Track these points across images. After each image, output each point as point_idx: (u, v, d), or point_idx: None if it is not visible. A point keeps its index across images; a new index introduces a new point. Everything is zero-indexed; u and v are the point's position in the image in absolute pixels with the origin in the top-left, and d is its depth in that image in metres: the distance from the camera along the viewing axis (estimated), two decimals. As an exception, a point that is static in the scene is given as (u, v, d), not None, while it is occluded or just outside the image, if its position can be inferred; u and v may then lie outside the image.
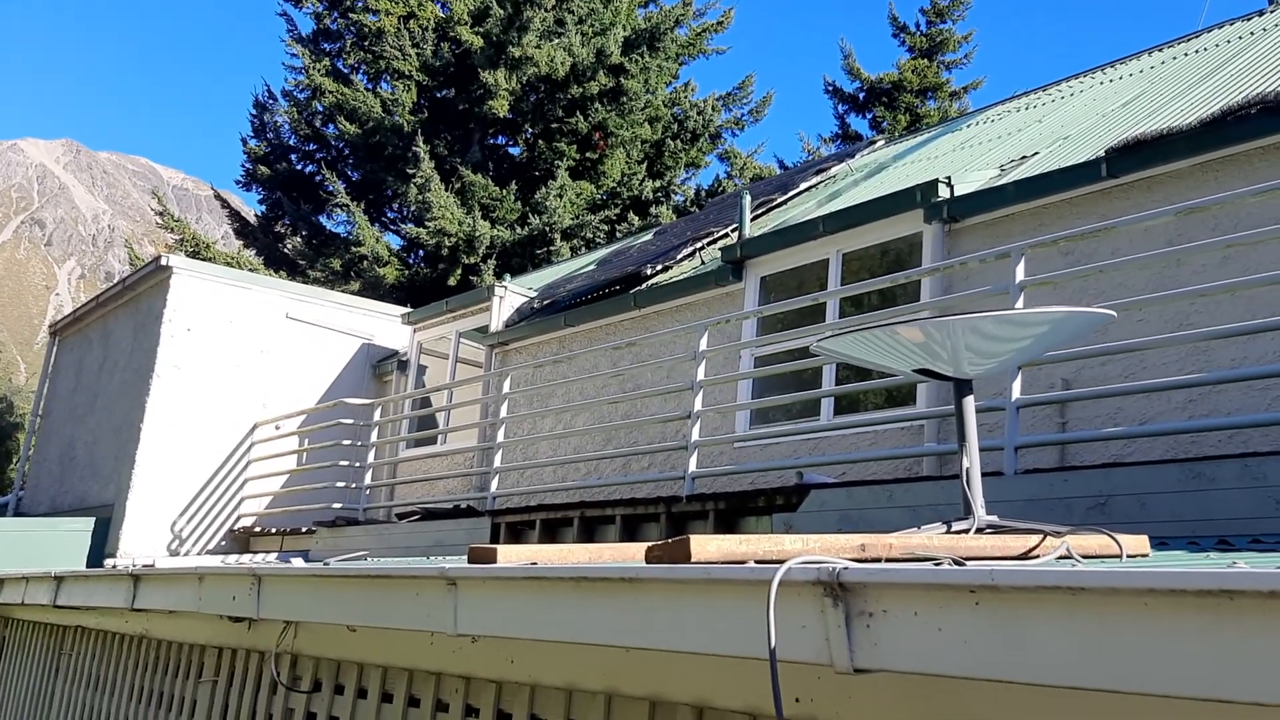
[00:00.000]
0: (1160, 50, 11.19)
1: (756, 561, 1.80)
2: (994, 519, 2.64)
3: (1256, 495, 4.59)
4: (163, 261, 11.94)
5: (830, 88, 30.61)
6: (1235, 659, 1.07)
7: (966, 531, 2.49)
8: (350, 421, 10.88)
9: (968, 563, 1.61)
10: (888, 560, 1.88)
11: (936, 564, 1.66)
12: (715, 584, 1.58)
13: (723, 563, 1.76)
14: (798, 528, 6.19)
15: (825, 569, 1.41)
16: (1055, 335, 2.70)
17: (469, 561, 2.20)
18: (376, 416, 10.61)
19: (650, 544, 1.87)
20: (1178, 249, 5.47)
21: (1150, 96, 8.95)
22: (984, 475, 5.80)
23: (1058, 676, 1.19)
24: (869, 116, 29.79)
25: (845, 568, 1.39)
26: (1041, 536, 2.23)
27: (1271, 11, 10.38)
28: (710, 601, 1.58)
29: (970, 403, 2.77)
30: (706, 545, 1.77)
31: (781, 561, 1.57)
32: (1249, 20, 10.47)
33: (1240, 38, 9.79)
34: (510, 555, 2.14)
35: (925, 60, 29.29)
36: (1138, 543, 2.41)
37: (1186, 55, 10.22)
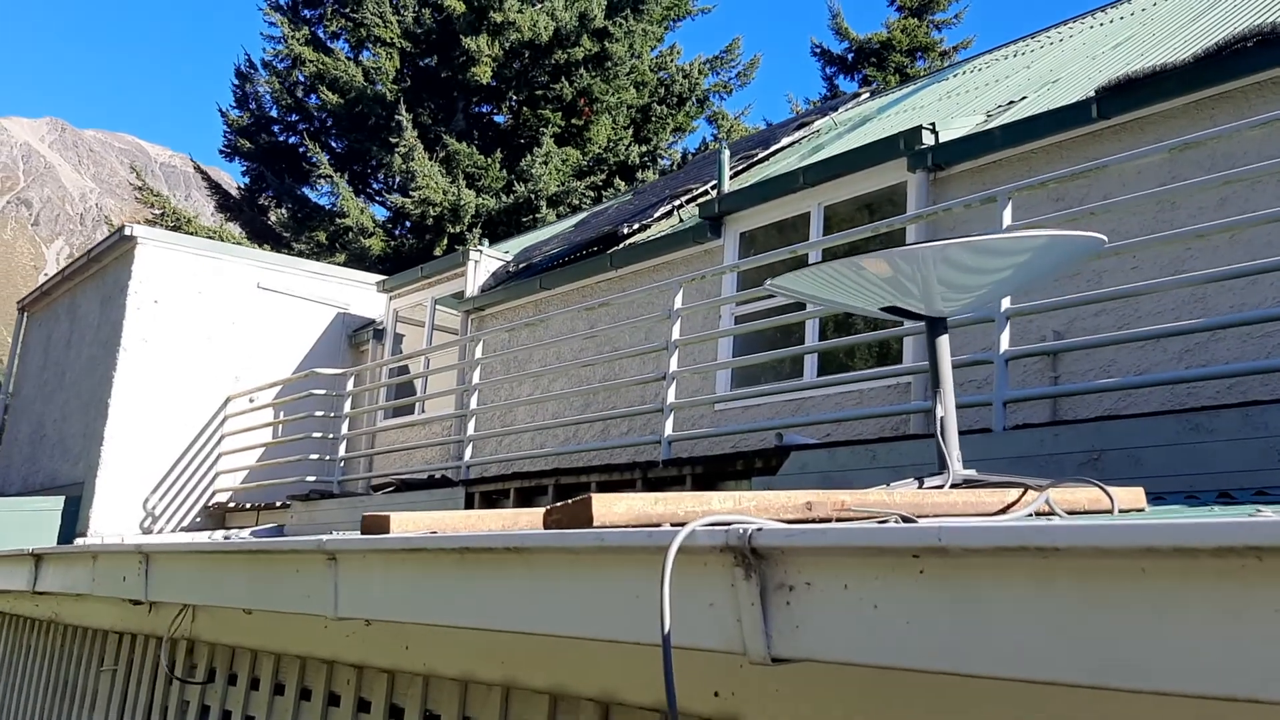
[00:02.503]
0: (1151, -8, 10.82)
1: (673, 524, 1.51)
2: (971, 473, 2.36)
3: (1257, 446, 4.32)
4: (127, 231, 11.58)
5: (818, 49, 30.09)
6: (1265, 642, 0.78)
7: (940, 488, 2.20)
8: (323, 392, 10.58)
9: (921, 520, 1.31)
10: (838, 520, 1.60)
11: (881, 523, 1.36)
12: (609, 553, 1.28)
13: (633, 526, 1.47)
14: (777, 490, 5.91)
15: (735, 531, 1.11)
16: (1039, 264, 2.40)
17: (361, 532, 1.90)
18: (349, 386, 10.29)
19: (549, 506, 1.57)
20: (1172, 187, 5.17)
21: (1141, 38, 8.61)
22: (972, 432, 5.53)
23: (1027, 668, 0.89)
24: (858, 78, 29.27)
25: (758, 529, 1.09)
26: (1021, 490, 1.93)
27: (1266, -51, 10.01)
28: (605, 574, 1.28)
29: (945, 344, 2.47)
30: (613, 506, 1.46)
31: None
32: (1243, -41, 10.10)
33: (1234, -24, 9.43)
34: (406, 524, 1.84)
35: (915, 19, 28.73)
36: (1132, 496, 2.12)
37: (1179, -4, 9.87)
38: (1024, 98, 8.42)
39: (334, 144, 28.15)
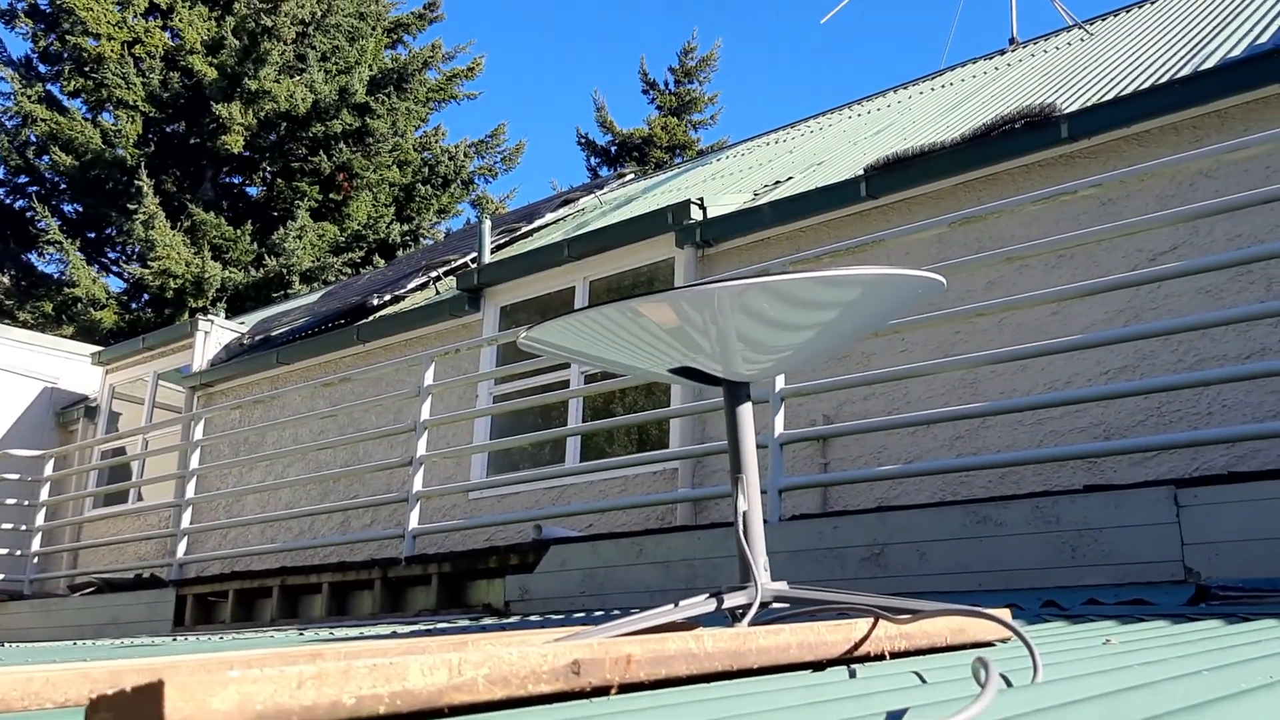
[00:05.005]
0: (905, 88, 11.08)
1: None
2: (781, 586, 1.81)
3: (1049, 541, 4.02)
4: None
5: (583, 140, 30.38)
6: None
7: (746, 609, 1.65)
8: (16, 477, 9.17)
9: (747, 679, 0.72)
10: (622, 688, 1.00)
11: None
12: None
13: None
14: (534, 590, 5.27)
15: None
16: (863, 314, 1.91)
17: None
18: (47, 470, 8.97)
19: (96, 696, 0.88)
20: (952, 263, 4.93)
21: (902, 125, 8.66)
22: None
23: None
24: (621, 170, 29.60)
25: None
26: (872, 621, 1.39)
27: (1013, 50, 10.41)
28: None
29: (748, 416, 1.93)
30: (208, 699, 0.78)
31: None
32: (990, 59, 10.48)
33: (985, 73, 9.72)
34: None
35: (674, 118, 29.42)
36: (993, 628, 1.60)
37: (934, 90, 10.10)
38: (790, 178, 8.28)
39: (66, 209, 26.04)
